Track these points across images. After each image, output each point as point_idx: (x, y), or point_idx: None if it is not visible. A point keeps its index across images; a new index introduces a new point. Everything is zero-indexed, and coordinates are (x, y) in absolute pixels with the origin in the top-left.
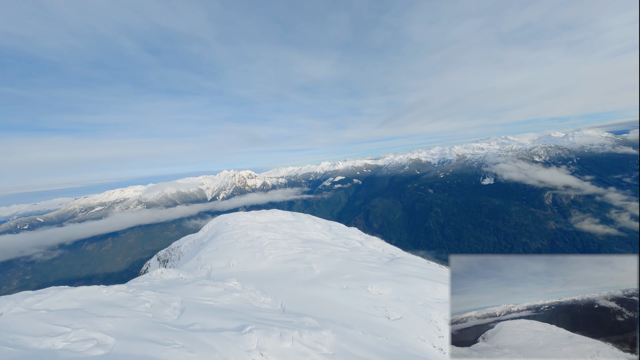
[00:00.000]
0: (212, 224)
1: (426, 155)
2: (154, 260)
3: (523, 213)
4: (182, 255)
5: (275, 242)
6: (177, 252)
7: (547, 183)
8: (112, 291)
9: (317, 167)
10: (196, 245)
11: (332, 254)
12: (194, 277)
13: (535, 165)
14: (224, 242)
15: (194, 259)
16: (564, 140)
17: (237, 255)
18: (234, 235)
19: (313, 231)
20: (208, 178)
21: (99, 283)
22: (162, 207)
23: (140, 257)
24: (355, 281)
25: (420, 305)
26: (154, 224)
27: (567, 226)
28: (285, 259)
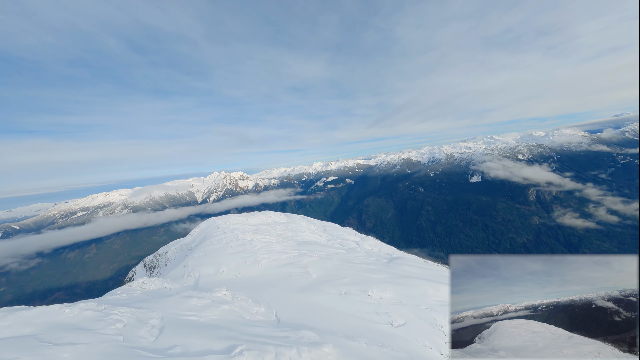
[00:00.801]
0: (201, 228)
1: (416, 155)
2: (140, 267)
3: (509, 209)
4: (168, 261)
5: (268, 245)
6: (163, 258)
7: (530, 180)
8: (76, 310)
9: (309, 167)
10: (184, 251)
11: (328, 256)
12: (180, 287)
13: (520, 163)
14: (213, 246)
15: (181, 266)
16: (545, 139)
17: (227, 261)
18: (223, 239)
19: (308, 232)
20: (198, 180)
21: (81, 292)
22: (150, 210)
23: (126, 264)
24: (355, 285)
25: (424, 309)
26: (141, 228)
27: (550, 221)
28: (279, 263)
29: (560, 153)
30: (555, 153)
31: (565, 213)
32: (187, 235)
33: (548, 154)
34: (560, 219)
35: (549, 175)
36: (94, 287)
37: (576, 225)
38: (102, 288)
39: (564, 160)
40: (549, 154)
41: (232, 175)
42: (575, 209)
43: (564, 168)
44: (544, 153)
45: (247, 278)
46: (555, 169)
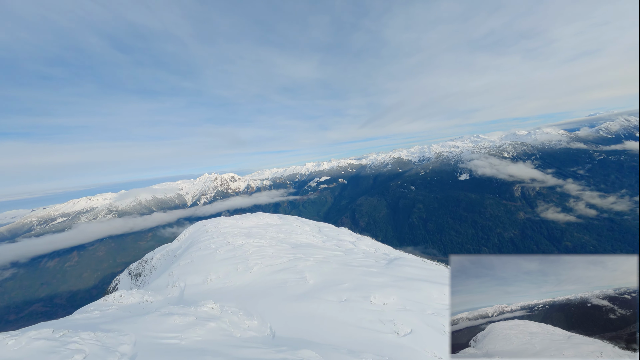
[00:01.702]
0: (188, 232)
1: (407, 154)
2: (125, 275)
3: (496, 205)
4: (153, 269)
5: (261, 249)
6: (148, 266)
7: (516, 177)
8: (24, 341)
9: (302, 168)
10: (170, 258)
11: (326, 259)
12: (163, 299)
13: (505, 161)
14: (200, 252)
15: (165, 275)
16: (528, 137)
17: (216, 268)
18: (212, 244)
19: (302, 234)
20: (188, 182)
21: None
22: (136, 215)
23: (111, 271)
24: (356, 291)
25: (430, 314)
26: (127, 233)
27: (534, 216)
28: (273, 269)
29: (542, 151)
30: (537, 151)
31: (548, 208)
32: (175, 240)
33: (531, 151)
34: (544, 213)
35: (532, 172)
36: (75, 297)
37: (558, 220)
38: (85, 297)
39: (545, 158)
40: (531, 152)
41: (223, 176)
42: (557, 203)
43: (545, 165)
44: (527, 151)
45: (238, 286)
46: (537, 166)
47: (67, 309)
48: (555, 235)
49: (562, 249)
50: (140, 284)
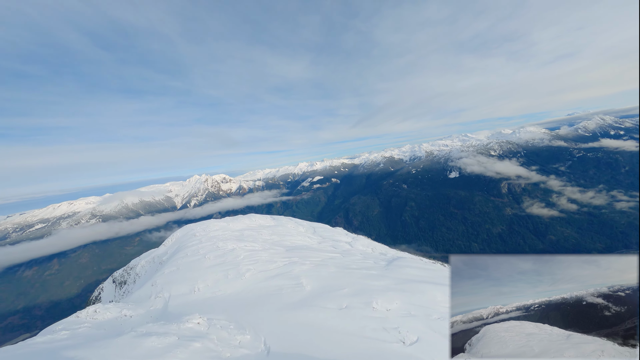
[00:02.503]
0: (175, 237)
1: (398, 153)
2: (109, 283)
3: (485, 202)
4: (138, 277)
5: (253, 254)
6: (133, 274)
7: (502, 174)
8: None
9: (295, 168)
10: (155, 264)
11: (323, 262)
12: (145, 312)
13: (492, 159)
14: (187, 259)
15: (148, 285)
16: (512, 136)
17: (204, 276)
18: (200, 249)
19: (297, 236)
20: (177, 184)
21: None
22: (122, 219)
23: (96, 279)
24: (356, 296)
25: (436, 319)
26: (113, 239)
27: (520, 211)
28: (266, 275)
29: (526, 148)
30: (522, 149)
31: (533, 203)
32: (161, 245)
33: (516, 149)
34: (529, 209)
35: (518, 169)
36: (57, 308)
37: (542, 214)
38: (67, 308)
39: (529, 155)
40: (516, 150)
41: (214, 178)
42: (541, 199)
43: (530, 162)
44: (513, 149)
45: (228, 296)
46: (522, 163)
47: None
48: (540, 230)
49: (547, 243)
50: (124, 292)
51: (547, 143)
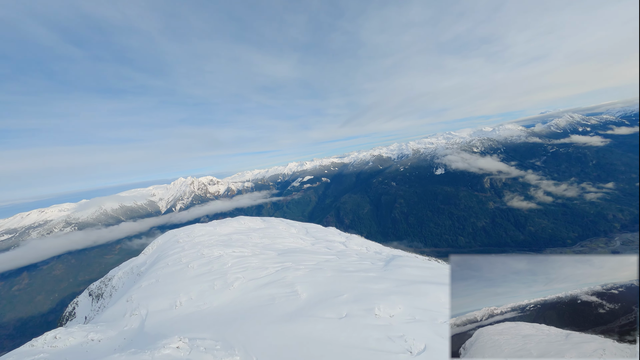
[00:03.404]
0: (157, 244)
1: (386, 151)
2: (85, 297)
3: (469, 197)
4: (114, 290)
5: (242, 260)
6: (109, 287)
7: (485, 170)
8: None
9: (284, 168)
10: (133, 276)
11: (318, 266)
12: (117, 334)
13: (475, 155)
14: (168, 269)
15: (122, 301)
16: (493, 133)
17: (187, 288)
18: (183, 257)
19: (289, 238)
20: (161, 188)
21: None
22: (101, 226)
23: (72, 291)
24: (357, 302)
25: (442, 323)
26: (91, 247)
27: (502, 205)
28: (257, 283)
29: (505, 145)
30: (502, 145)
31: (513, 197)
32: (141, 254)
33: (496, 146)
34: (510, 202)
35: (498, 164)
36: (27, 325)
37: (522, 207)
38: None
39: (509, 151)
40: (497, 146)
41: (200, 180)
42: (520, 192)
43: (509, 158)
44: (493, 145)
45: (214, 309)
46: (503, 159)
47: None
48: (520, 222)
49: (527, 234)
50: (100, 307)
51: (524, 140)
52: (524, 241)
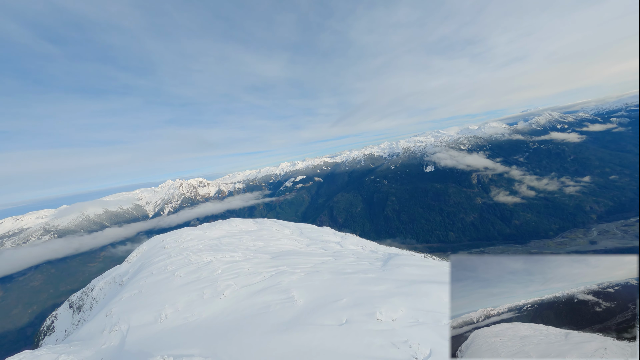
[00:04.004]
0: (141, 250)
1: (378, 150)
2: (65, 309)
3: (458, 193)
4: (95, 302)
5: (234, 265)
6: (90, 298)
7: (472, 166)
8: None
9: (276, 168)
10: (114, 286)
11: (314, 269)
12: (93, 354)
13: (462, 153)
14: (152, 278)
15: (101, 315)
16: (479, 131)
17: (173, 299)
18: (169, 265)
19: (283, 239)
20: (147, 191)
21: None
22: (83, 232)
23: (53, 302)
24: (357, 307)
25: (446, 325)
26: (72, 256)
27: (489, 200)
28: (250, 290)
29: (490, 142)
30: (487, 142)
31: (499, 192)
32: (124, 261)
33: (482, 143)
34: (496, 197)
35: (485, 161)
36: (2, 341)
37: (507, 202)
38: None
39: (494, 148)
40: (483, 144)
41: (189, 182)
42: (506, 187)
43: (494, 154)
44: (480, 143)
45: (203, 321)
46: (488, 155)
47: None
48: (506, 216)
49: (512, 227)
50: (80, 320)
51: (508, 137)
52: (510, 234)
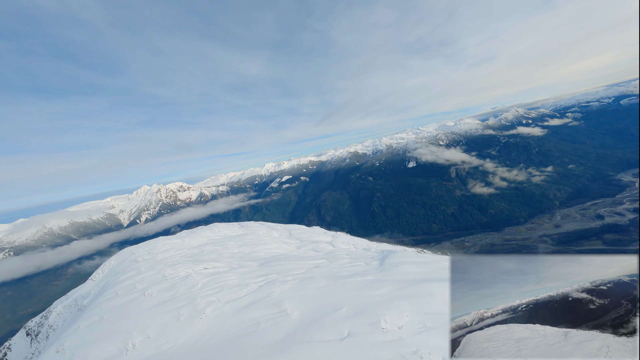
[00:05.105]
0: (109, 266)
1: (362, 148)
2: (21, 337)
3: (439, 187)
4: (52, 331)
5: (216, 278)
6: (46, 326)
7: (451, 160)
8: None
9: (261, 169)
10: (74, 310)
11: (308, 274)
12: None
13: (441, 148)
14: (117, 300)
15: (52, 351)
16: (455, 127)
17: (143, 324)
18: (138, 283)
19: (272, 243)
20: (121, 198)
21: None
22: (46, 248)
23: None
24: (359, 316)
25: None
26: (33, 275)
27: (467, 192)
28: (236, 305)
29: (466, 137)
30: (463, 138)
31: (475, 184)
32: (88, 279)
33: (459, 139)
34: (473, 189)
35: (462, 155)
36: None
37: (483, 193)
38: None
39: (469, 143)
40: (459, 139)
41: (168, 187)
42: (481, 179)
43: (470, 149)
44: (456, 138)
45: (180, 348)
46: (465, 150)
47: None
48: (482, 206)
49: (489, 217)
50: (34, 353)
51: (481, 132)
52: (486, 223)
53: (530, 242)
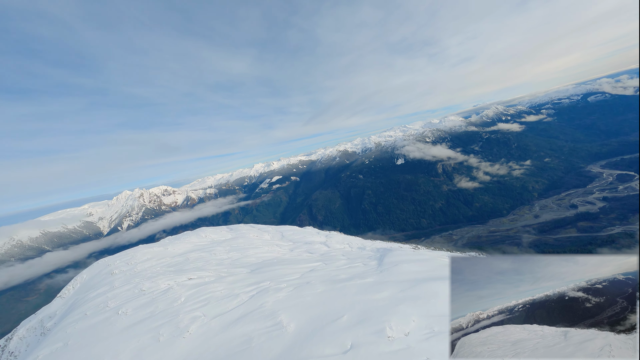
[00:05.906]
0: (80, 280)
1: (351, 146)
2: None
3: (427, 182)
4: (13, 359)
5: (202, 289)
6: (6, 353)
7: (437, 157)
8: None
9: (250, 170)
10: (38, 334)
11: (303, 279)
12: None
13: (428, 145)
14: (85, 322)
15: None
16: (440, 124)
17: (115, 348)
18: (110, 300)
19: (263, 246)
20: (100, 205)
21: None
22: (14, 261)
23: None
24: (362, 324)
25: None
26: (1, 291)
27: (453, 187)
28: (225, 320)
29: (451, 134)
30: (448, 134)
31: (461, 179)
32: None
33: (444, 135)
34: (459, 184)
35: (447, 151)
36: None
37: (468, 187)
38: None
39: (454, 139)
40: (444, 136)
41: (151, 191)
42: (466, 174)
43: (455, 145)
44: (442, 135)
45: None
46: (450, 146)
47: None
48: (468, 200)
49: (474, 210)
50: None
51: (465, 129)
52: (472, 216)
53: (513, 232)
